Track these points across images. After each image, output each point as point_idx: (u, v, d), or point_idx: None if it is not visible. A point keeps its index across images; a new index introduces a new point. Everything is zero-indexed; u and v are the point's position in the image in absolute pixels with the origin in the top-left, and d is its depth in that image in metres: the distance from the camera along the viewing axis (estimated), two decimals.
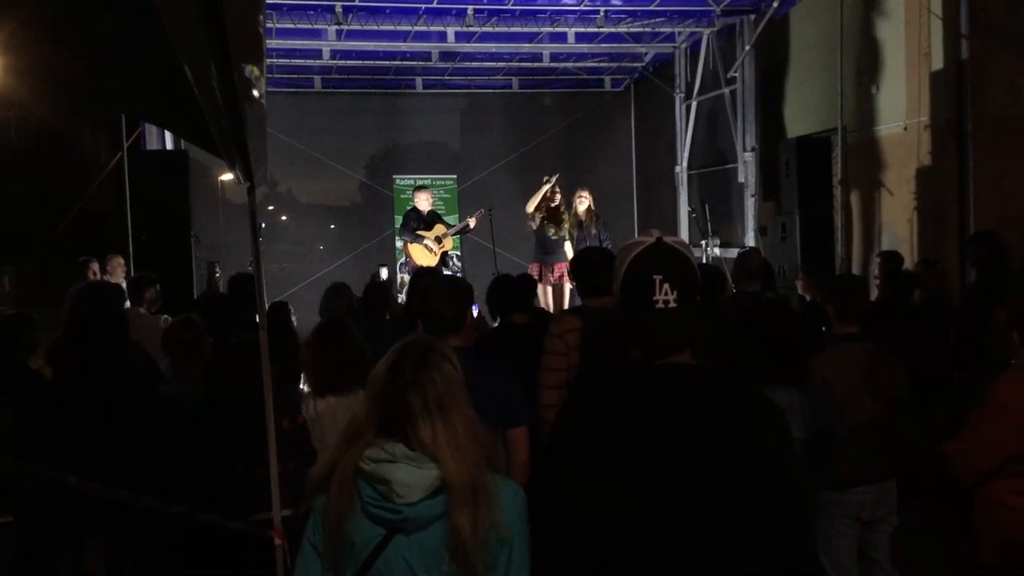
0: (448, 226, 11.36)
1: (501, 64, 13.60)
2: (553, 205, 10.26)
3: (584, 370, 4.03)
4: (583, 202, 10.13)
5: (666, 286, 1.95)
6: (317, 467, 2.22)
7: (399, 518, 2.07)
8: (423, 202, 11.08)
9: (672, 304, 1.95)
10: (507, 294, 5.17)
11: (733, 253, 9.19)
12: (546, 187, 10.22)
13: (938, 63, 8.47)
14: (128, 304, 6.32)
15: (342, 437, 2.20)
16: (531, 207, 10.31)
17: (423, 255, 10.88)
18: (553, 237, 10.23)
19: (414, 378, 2.12)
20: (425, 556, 2.08)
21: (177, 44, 1.93)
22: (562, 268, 9.96)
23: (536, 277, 9.45)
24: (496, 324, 5.43)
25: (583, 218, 10.11)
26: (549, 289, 10.16)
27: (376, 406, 2.15)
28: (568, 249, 10.14)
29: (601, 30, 11.35)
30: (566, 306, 9.76)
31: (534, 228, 10.37)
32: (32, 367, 4.90)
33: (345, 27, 10.84)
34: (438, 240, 11.00)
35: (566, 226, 10.21)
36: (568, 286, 9.97)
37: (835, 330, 4.08)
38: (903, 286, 6.29)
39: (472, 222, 10.99)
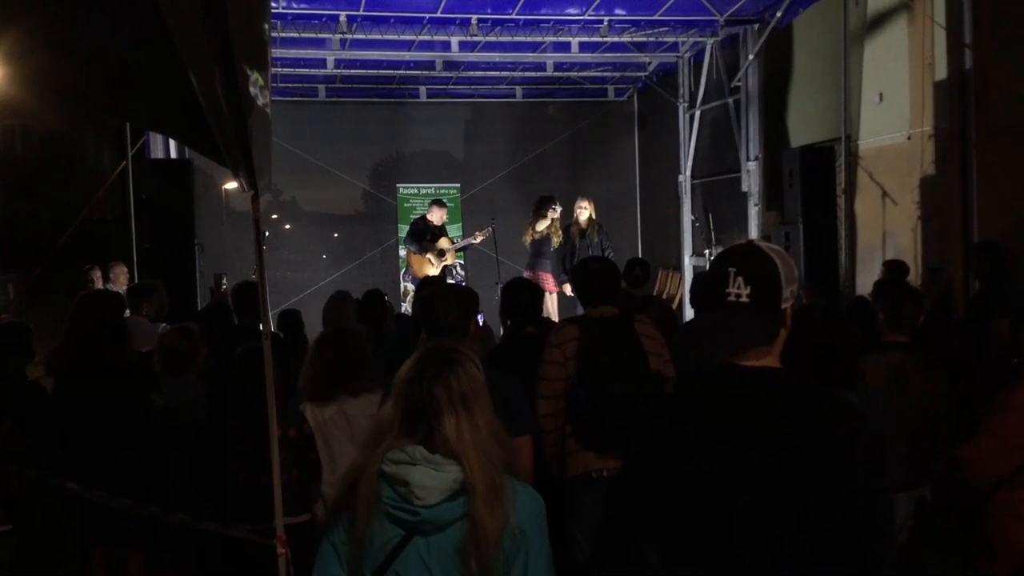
0: (452, 241, 11.36)
1: (505, 73, 13.63)
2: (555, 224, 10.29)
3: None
4: (584, 212, 10.14)
5: (739, 279, 1.88)
6: (343, 470, 2.24)
7: (418, 520, 2.09)
8: (436, 216, 11.07)
9: (744, 299, 1.88)
10: (521, 306, 5.11)
11: None
12: (545, 222, 10.23)
13: (941, 73, 8.47)
14: (128, 313, 6.31)
15: (367, 440, 2.22)
16: (528, 239, 10.36)
17: (425, 268, 10.89)
18: (552, 248, 10.30)
19: (440, 374, 2.14)
20: (442, 558, 2.09)
21: (183, 52, 1.93)
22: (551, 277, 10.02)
23: None
24: (503, 333, 5.41)
25: (584, 227, 10.11)
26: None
27: (401, 403, 2.16)
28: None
29: (605, 40, 11.36)
30: (554, 314, 9.80)
31: (528, 243, 10.42)
32: (30, 376, 4.88)
33: (349, 36, 10.86)
34: (441, 254, 11.00)
35: (556, 239, 10.30)
36: (555, 295, 10.08)
37: (884, 337, 4.04)
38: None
39: (477, 239, 10.98)
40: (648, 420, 2.02)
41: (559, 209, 10.28)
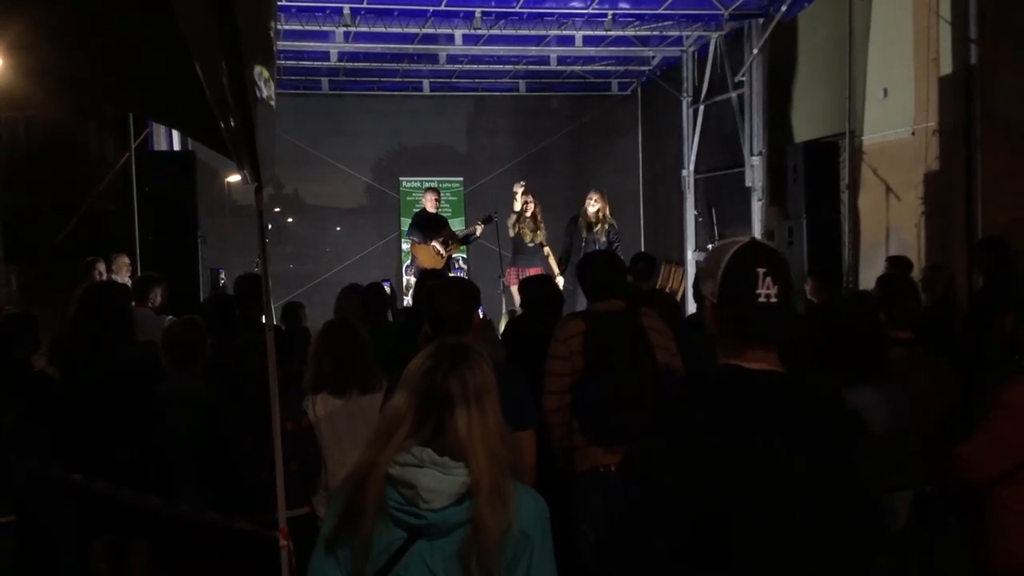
0: (454, 231, 11.37)
1: (508, 67, 13.59)
2: (528, 214, 10.32)
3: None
4: (593, 205, 10.07)
5: (768, 279, 1.97)
6: (349, 471, 2.19)
7: (423, 523, 2.06)
8: (430, 203, 11.10)
9: (773, 299, 1.97)
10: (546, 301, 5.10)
11: None
12: (517, 205, 10.36)
13: (946, 68, 8.46)
14: (133, 304, 6.30)
15: (374, 436, 2.17)
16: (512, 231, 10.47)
17: (430, 258, 10.88)
18: (530, 244, 10.31)
19: (455, 368, 2.13)
20: (446, 562, 2.07)
21: (190, 43, 1.93)
22: (537, 273, 10.01)
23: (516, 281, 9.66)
24: (505, 327, 5.41)
25: (592, 221, 10.05)
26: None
27: (414, 395, 2.13)
28: (548, 253, 10.39)
29: (609, 33, 11.34)
30: None
31: (512, 236, 10.51)
32: (36, 366, 4.88)
33: (353, 29, 10.84)
34: (445, 244, 10.99)
35: (541, 233, 10.31)
36: None
37: (889, 335, 3.99)
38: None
39: (478, 231, 10.99)
40: (713, 406, 2.03)
41: (523, 187, 10.39)
